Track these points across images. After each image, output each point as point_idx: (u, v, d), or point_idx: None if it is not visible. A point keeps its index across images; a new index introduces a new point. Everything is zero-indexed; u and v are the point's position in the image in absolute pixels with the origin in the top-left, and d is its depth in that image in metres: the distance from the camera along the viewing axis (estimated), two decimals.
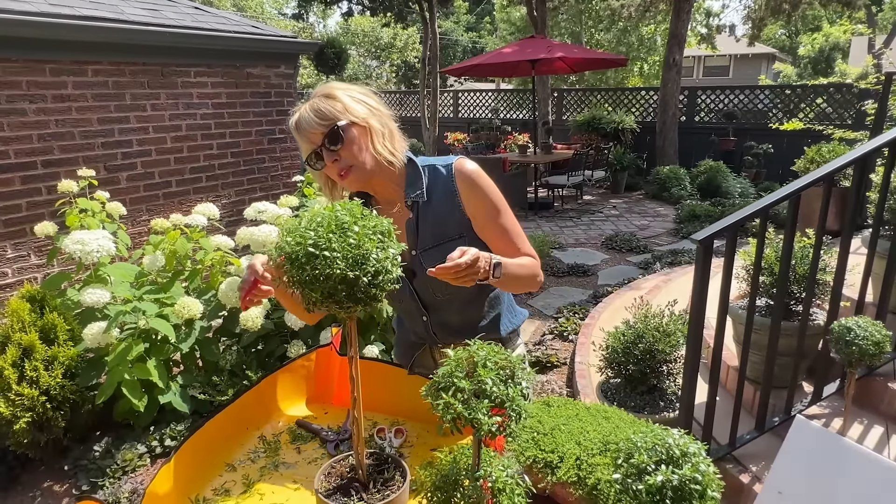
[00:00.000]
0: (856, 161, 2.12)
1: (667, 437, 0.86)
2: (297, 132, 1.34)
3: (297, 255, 0.91)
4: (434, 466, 0.89)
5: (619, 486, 0.84)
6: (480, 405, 0.75)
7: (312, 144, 1.32)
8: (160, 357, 2.82)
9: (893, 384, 2.39)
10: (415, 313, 1.56)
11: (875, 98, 8.46)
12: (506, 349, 1.61)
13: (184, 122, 4.10)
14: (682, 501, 0.80)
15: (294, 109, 1.37)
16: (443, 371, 0.80)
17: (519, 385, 0.79)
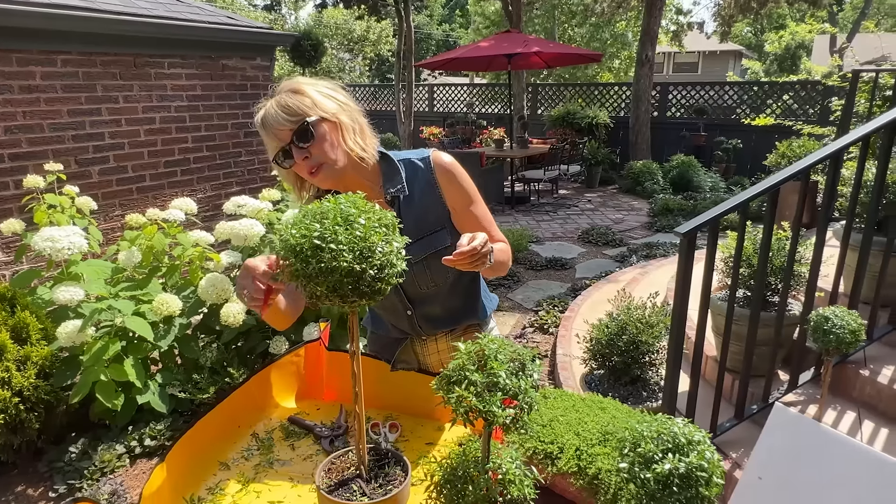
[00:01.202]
0: (830, 156, 2.18)
1: (672, 426, 0.88)
2: (264, 129, 1.30)
3: (301, 247, 0.90)
4: (442, 460, 0.88)
5: (627, 474, 0.85)
6: (494, 398, 0.76)
7: (280, 142, 1.28)
8: (138, 355, 2.75)
9: (864, 371, 2.47)
10: (399, 309, 1.54)
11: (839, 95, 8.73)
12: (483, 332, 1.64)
13: (157, 115, 3.99)
14: (689, 488, 0.82)
15: (258, 105, 1.32)
16: (454, 364, 0.80)
17: (531, 377, 0.79)
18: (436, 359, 1.64)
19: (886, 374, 2.44)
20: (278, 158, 1.30)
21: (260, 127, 1.30)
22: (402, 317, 1.55)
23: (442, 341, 1.62)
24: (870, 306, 2.50)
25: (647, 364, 2.51)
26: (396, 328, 1.61)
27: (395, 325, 1.60)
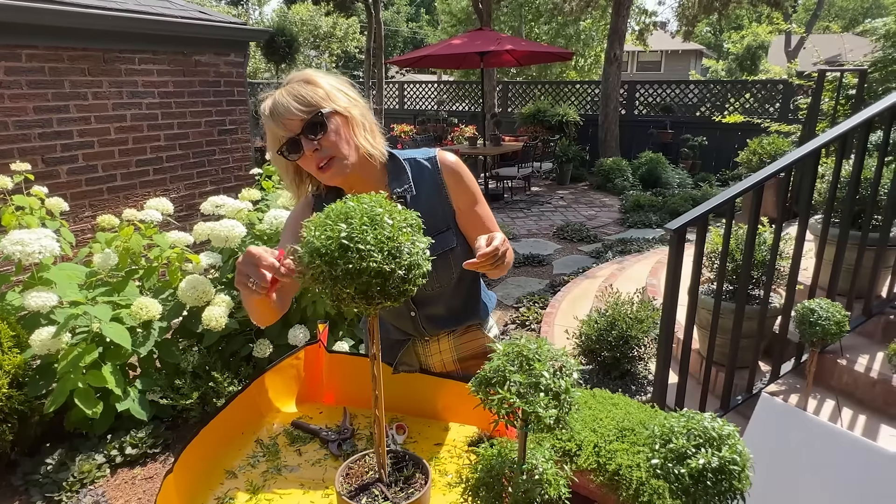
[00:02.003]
0: (810, 154, 2.25)
1: (702, 421, 0.89)
2: (271, 118, 1.24)
3: (328, 248, 0.88)
4: (476, 462, 0.88)
5: (660, 470, 0.86)
6: (538, 398, 0.75)
7: (289, 132, 1.23)
8: (116, 362, 2.66)
9: (842, 360, 2.57)
10: (402, 310, 1.52)
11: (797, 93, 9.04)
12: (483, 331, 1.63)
13: (128, 112, 3.85)
14: (723, 482, 0.83)
15: (265, 95, 1.28)
16: (492, 366, 0.79)
17: (570, 376, 0.79)
18: (437, 359, 1.63)
19: (862, 362, 2.54)
20: (283, 150, 1.26)
21: (267, 116, 1.25)
22: (406, 318, 1.53)
23: (444, 341, 1.60)
24: (845, 298, 2.60)
25: (636, 358, 2.55)
26: (398, 330, 1.59)
27: (398, 326, 1.57)
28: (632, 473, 1.06)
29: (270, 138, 1.28)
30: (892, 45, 4.51)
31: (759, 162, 4.84)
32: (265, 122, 1.27)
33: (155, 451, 2.66)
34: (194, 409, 2.79)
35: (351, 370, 1.60)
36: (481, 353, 1.63)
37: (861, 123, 2.26)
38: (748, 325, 2.48)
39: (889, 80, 4.33)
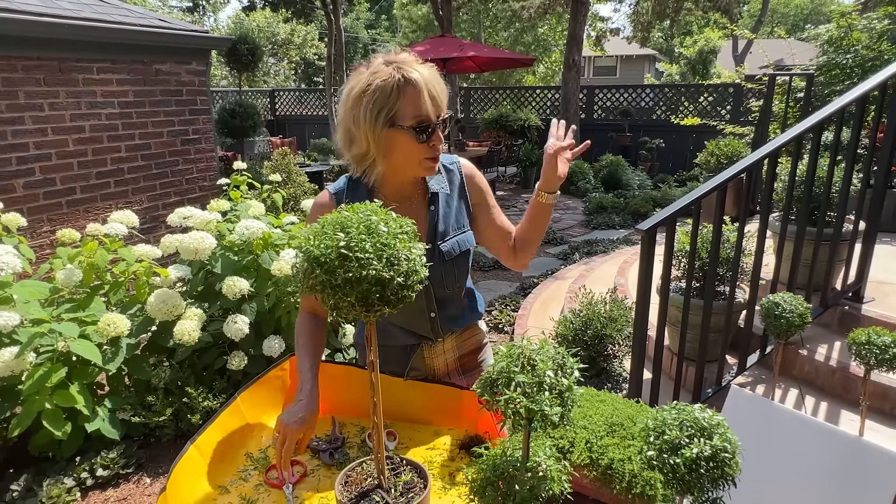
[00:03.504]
0: (769, 154, 2.36)
1: (693, 413, 0.93)
2: (423, 93, 1.22)
3: (327, 258, 0.88)
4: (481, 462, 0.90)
5: (656, 461, 0.89)
6: (543, 397, 0.78)
7: (432, 116, 1.25)
8: (83, 381, 2.58)
9: (803, 351, 2.69)
10: (422, 311, 1.48)
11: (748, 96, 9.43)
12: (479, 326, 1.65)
13: (87, 123, 3.72)
14: (716, 469, 0.87)
15: (411, 67, 1.23)
16: (497, 367, 0.82)
17: (572, 374, 0.82)
18: (441, 360, 1.61)
19: (822, 352, 2.67)
20: (421, 127, 1.25)
21: (418, 87, 1.22)
22: (423, 320, 1.50)
23: (449, 341, 1.59)
24: (804, 291, 2.72)
25: (611, 356, 2.61)
26: (410, 334, 1.54)
27: (413, 329, 1.53)
28: (624, 467, 1.10)
29: (408, 108, 1.24)
30: (835, 49, 4.77)
31: (717, 163, 5.03)
32: (408, 90, 1.23)
33: (128, 472, 2.58)
34: (168, 427, 2.72)
35: (338, 379, 1.60)
36: (476, 347, 1.65)
37: (814, 126, 2.38)
38: (715, 321, 2.58)
39: (834, 84, 4.58)
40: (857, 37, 4.65)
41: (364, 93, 1.24)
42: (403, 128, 1.24)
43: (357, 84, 1.26)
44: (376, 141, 1.27)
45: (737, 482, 0.90)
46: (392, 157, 1.30)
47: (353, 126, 1.28)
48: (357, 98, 1.25)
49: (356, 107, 1.25)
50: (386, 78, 1.22)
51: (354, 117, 1.26)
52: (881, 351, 1.81)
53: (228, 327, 2.73)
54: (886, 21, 4.60)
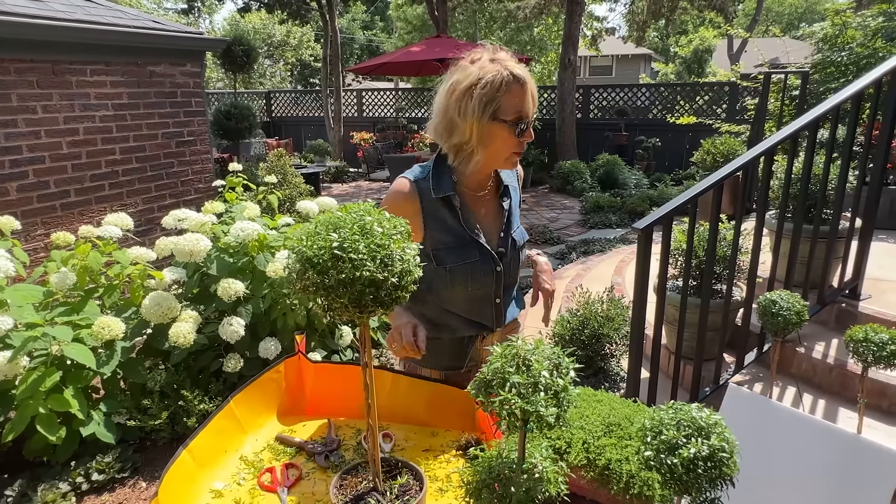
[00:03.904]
0: (765, 153, 2.36)
1: (689, 412, 0.92)
2: (523, 92, 1.32)
3: (320, 258, 0.87)
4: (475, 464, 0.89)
5: (653, 462, 0.89)
6: (538, 398, 0.77)
7: (533, 108, 1.35)
8: (78, 384, 2.56)
9: (800, 349, 2.69)
10: (489, 298, 1.52)
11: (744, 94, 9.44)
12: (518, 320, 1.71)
13: (81, 126, 3.70)
14: (714, 469, 0.86)
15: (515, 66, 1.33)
16: (491, 368, 0.81)
17: (568, 374, 0.81)
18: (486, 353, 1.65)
19: (819, 350, 2.67)
20: (520, 123, 1.34)
21: (520, 84, 1.32)
22: (489, 307, 1.53)
23: (497, 333, 1.62)
24: (800, 289, 2.72)
25: (608, 356, 2.60)
26: (472, 324, 1.55)
27: (476, 318, 1.54)
28: (621, 467, 1.09)
29: (511, 103, 1.32)
30: (830, 47, 4.77)
31: (713, 161, 5.04)
32: (514, 87, 1.32)
33: (123, 476, 2.57)
34: (164, 430, 2.71)
35: (334, 379, 1.59)
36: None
37: (809, 123, 2.38)
38: (713, 319, 2.58)
39: (829, 81, 4.58)
40: (851, 34, 4.66)
41: (474, 86, 1.31)
42: (505, 121, 1.33)
43: (465, 78, 1.33)
44: (479, 132, 1.35)
45: (735, 482, 0.89)
46: (488, 149, 1.38)
47: (459, 117, 1.35)
48: (465, 91, 1.32)
49: (463, 98, 1.33)
50: (494, 74, 1.30)
51: (461, 108, 1.34)
52: (878, 348, 1.81)
53: (224, 329, 2.71)
54: (881, 18, 4.61)
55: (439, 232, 1.43)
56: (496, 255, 1.48)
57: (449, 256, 1.43)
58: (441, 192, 1.41)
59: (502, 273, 1.50)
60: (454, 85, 1.35)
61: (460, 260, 1.43)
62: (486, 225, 1.48)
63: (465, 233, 1.44)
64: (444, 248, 1.43)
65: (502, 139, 1.35)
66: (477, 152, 1.39)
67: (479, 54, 1.36)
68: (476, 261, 1.44)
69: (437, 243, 1.43)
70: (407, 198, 1.42)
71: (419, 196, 1.42)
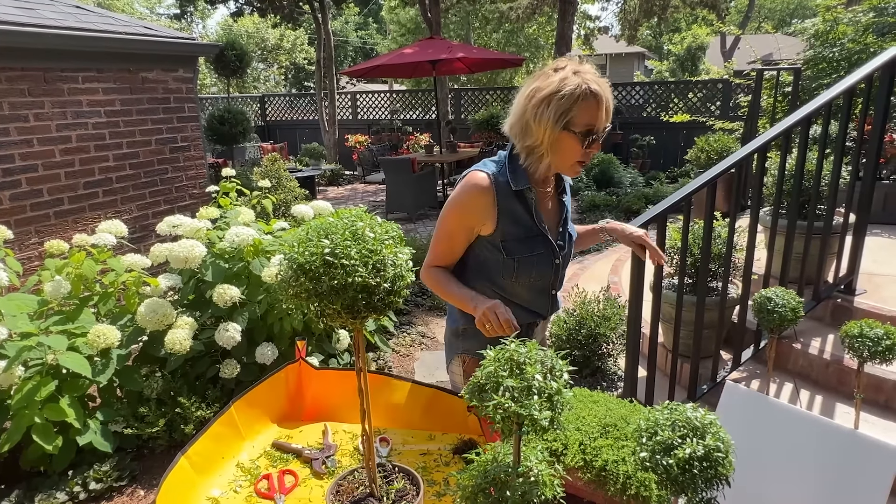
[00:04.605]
0: (758, 149, 2.36)
1: (685, 412, 0.92)
2: (597, 104, 1.37)
3: (311, 265, 0.87)
4: (471, 468, 0.88)
5: (649, 462, 0.88)
6: (531, 402, 0.76)
7: (605, 122, 1.40)
8: (74, 393, 2.54)
9: (797, 345, 2.69)
10: (546, 288, 1.59)
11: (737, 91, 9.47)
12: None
13: (73, 133, 3.69)
14: (710, 468, 0.86)
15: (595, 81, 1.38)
16: (485, 372, 0.80)
17: (561, 377, 0.81)
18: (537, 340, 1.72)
19: (815, 346, 2.67)
20: (589, 133, 1.39)
21: (593, 98, 1.37)
22: (546, 296, 1.61)
23: (543, 324, 1.71)
24: (796, 285, 2.73)
25: (605, 355, 2.60)
26: (530, 312, 1.62)
27: (533, 308, 1.61)
28: (618, 468, 1.09)
29: (584, 116, 1.38)
30: (822, 43, 4.79)
31: (707, 159, 5.05)
32: (589, 101, 1.37)
33: (121, 484, 2.55)
34: (161, 437, 2.70)
35: (331, 384, 1.59)
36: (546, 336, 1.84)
37: (802, 119, 2.38)
38: (709, 317, 2.58)
39: (821, 77, 4.60)
40: (842, 30, 4.68)
41: (553, 95, 1.38)
42: (575, 133, 1.39)
43: (547, 86, 1.39)
44: (550, 139, 1.41)
45: (731, 481, 0.89)
46: (556, 155, 1.45)
47: (535, 122, 1.41)
48: (545, 99, 1.39)
49: (542, 105, 1.39)
50: (574, 87, 1.36)
51: (538, 115, 1.40)
52: (874, 343, 1.81)
53: (220, 335, 2.70)
54: (871, 14, 4.62)
55: (511, 224, 1.49)
56: (556, 248, 1.55)
57: (518, 248, 1.50)
58: (519, 185, 1.48)
59: (560, 265, 1.58)
60: (534, 91, 1.42)
61: (528, 251, 1.50)
62: (549, 220, 1.57)
63: (534, 225, 1.51)
64: (513, 239, 1.50)
65: (570, 148, 1.42)
66: (546, 156, 1.45)
67: (564, 63, 1.42)
68: (541, 253, 1.52)
69: (507, 235, 1.49)
70: (484, 191, 1.47)
71: (496, 189, 1.48)
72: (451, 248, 1.55)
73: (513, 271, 1.50)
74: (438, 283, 1.55)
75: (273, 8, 12.12)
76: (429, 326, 4.16)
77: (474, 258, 1.55)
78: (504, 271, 1.51)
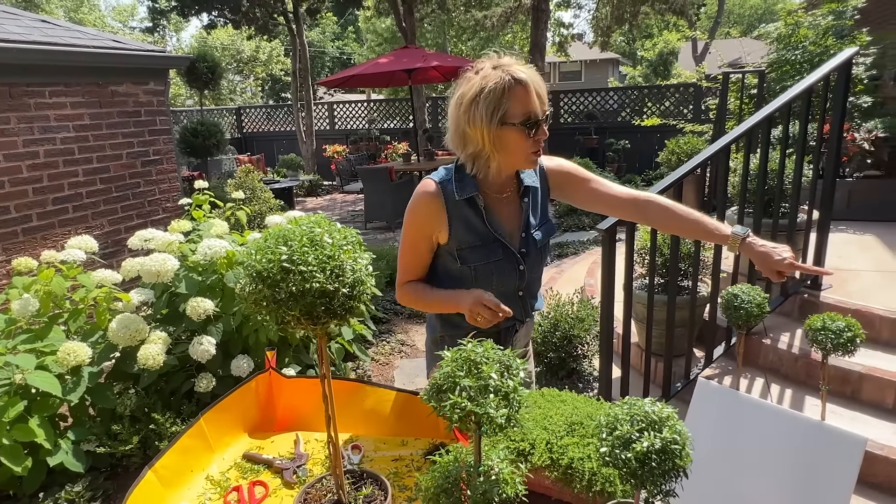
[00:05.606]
0: (721, 150, 2.42)
1: (643, 406, 0.94)
2: (528, 91, 1.33)
3: (269, 272, 0.88)
4: (433, 469, 0.89)
5: (608, 458, 0.90)
6: (487, 400, 0.78)
7: (539, 112, 1.36)
8: (44, 413, 2.49)
9: (766, 340, 2.75)
10: (511, 291, 1.57)
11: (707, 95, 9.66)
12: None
13: (41, 148, 3.63)
14: (667, 461, 0.88)
15: (518, 69, 1.34)
16: (442, 373, 0.81)
17: (517, 375, 0.82)
18: (518, 347, 1.70)
19: (784, 340, 2.73)
20: (529, 123, 1.36)
21: (524, 85, 1.33)
22: (515, 299, 1.58)
23: (522, 328, 1.68)
24: (764, 282, 2.78)
25: (580, 356, 2.63)
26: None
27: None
28: (584, 465, 1.10)
29: (517, 106, 1.34)
30: (784, 46, 4.92)
31: (678, 160, 5.14)
32: (517, 90, 1.33)
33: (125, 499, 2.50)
34: (135, 455, 2.65)
35: (308, 393, 1.58)
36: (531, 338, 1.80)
37: (762, 120, 2.45)
38: (680, 315, 2.62)
39: (784, 79, 4.72)
40: (804, 33, 4.81)
41: (478, 96, 1.34)
42: (514, 125, 1.35)
43: (469, 89, 1.36)
44: (490, 139, 1.38)
45: (688, 473, 0.91)
46: (503, 153, 1.41)
47: (469, 127, 1.38)
48: (471, 102, 1.36)
49: (470, 109, 1.36)
50: (497, 81, 1.33)
51: (470, 119, 1.37)
52: (836, 336, 1.86)
53: (194, 349, 2.67)
54: (830, 17, 4.77)
55: (465, 232, 1.47)
56: (519, 255, 1.53)
57: (473, 256, 1.48)
58: (464, 193, 1.45)
59: (525, 271, 1.55)
60: (461, 98, 1.39)
61: (484, 259, 1.48)
62: (509, 225, 1.53)
63: (488, 232, 1.48)
64: (468, 247, 1.47)
65: (515, 142, 1.38)
66: (494, 158, 1.42)
67: (483, 63, 1.39)
68: (499, 260, 1.50)
69: (462, 243, 1.47)
70: (432, 196, 1.46)
71: (444, 196, 1.46)
72: (416, 259, 1.53)
73: (472, 280, 1.48)
74: (416, 295, 1.53)
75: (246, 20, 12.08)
76: (408, 334, 4.16)
77: (442, 267, 1.54)
78: (464, 280, 1.49)
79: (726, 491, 1.77)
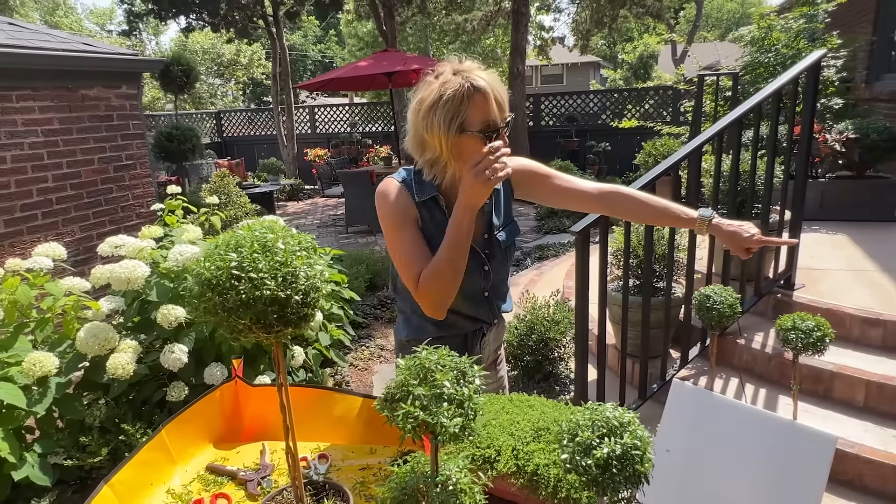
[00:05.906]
0: (692, 152, 2.43)
1: (604, 412, 0.93)
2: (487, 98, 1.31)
3: (218, 279, 0.85)
4: (389, 480, 0.87)
5: (569, 465, 0.89)
6: (440, 409, 0.76)
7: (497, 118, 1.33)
8: (9, 426, 2.42)
9: (741, 340, 2.77)
10: (477, 293, 1.55)
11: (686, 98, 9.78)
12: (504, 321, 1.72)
13: (8, 154, 3.54)
14: (627, 468, 0.87)
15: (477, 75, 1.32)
16: (396, 381, 0.79)
17: (472, 383, 0.80)
18: (487, 350, 1.67)
19: (758, 340, 2.75)
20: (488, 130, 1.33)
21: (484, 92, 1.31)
22: (481, 301, 1.57)
23: (491, 332, 1.65)
24: (738, 282, 2.81)
25: (557, 359, 2.62)
26: (472, 320, 1.58)
27: (473, 314, 1.57)
28: (549, 471, 1.09)
29: (476, 114, 1.32)
30: (758, 49, 4.99)
31: (654, 162, 5.18)
32: (476, 98, 1.31)
33: None
34: (105, 467, 2.58)
35: (272, 401, 1.55)
36: (502, 340, 1.77)
37: (732, 122, 2.47)
38: (656, 316, 2.63)
39: (758, 81, 4.78)
40: (776, 36, 4.89)
41: (436, 103, 1.32)
42: (473, 133, 1.32)
43: (429, 95, 1.34)
44: (448, 146, 1.35)
45: (650, 479, 0.90)
46: (461, 161, 1.37)
47: (427, 133, 1.36)
48: (430, 108, 1.33)
49: (429, 116, 1.34)
50: (456, 88, 1.31)
51: (428, 125, 1.34)
52: (805, 335, 1.87)
53: (165, 357, 2.62)
54: (802, 21, 4.85)
55: (431, 225, 1.45)
56: (483, 256, 1.51)
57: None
58: (424, 195, 1.44)
59: (490, 272, 1.54)
60: (419, 103, 1.36)
61: None
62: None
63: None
64: (434, 240, 1.44)
65: (474, 150, 1.33)
66: (451, 165, 1.40)
67: (444, 67, 1.36)
68: None
69: (428, 235, 1.45)
70: (398, 189, 1.45)
71: (408, 191, 1.45)
72: (414, 246, 1.44)
73: None
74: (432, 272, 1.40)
75: (225, 23, 11.97)
76: (388, 339, 4.13)
77: None
78: None
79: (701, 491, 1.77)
